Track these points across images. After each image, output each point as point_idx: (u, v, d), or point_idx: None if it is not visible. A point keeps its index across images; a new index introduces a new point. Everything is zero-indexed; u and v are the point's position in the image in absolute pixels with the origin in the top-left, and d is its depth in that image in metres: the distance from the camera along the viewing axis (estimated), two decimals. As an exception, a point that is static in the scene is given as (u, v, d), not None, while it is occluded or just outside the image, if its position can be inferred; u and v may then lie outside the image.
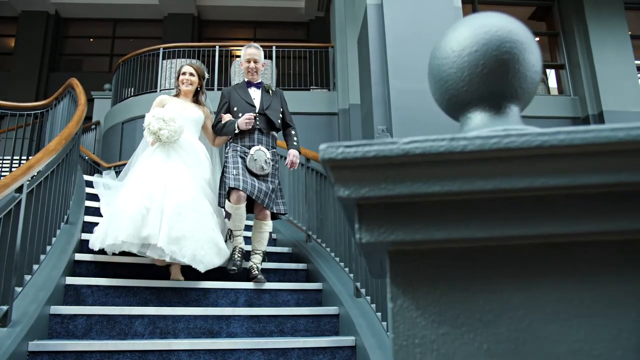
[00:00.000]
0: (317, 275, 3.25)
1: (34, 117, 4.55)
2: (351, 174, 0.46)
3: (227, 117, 3.11)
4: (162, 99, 3.13)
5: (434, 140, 0.45)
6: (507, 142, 0.44)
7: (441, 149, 0.45)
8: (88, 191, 3.77)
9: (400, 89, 3.85)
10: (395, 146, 0.45)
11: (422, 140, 0.45)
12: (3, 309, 1.96)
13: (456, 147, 0.44)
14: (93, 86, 8.84)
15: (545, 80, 7.50)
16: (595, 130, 0.43)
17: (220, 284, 2.88)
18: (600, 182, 0.44)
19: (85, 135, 8.22)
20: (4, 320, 1.97)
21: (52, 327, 2.33)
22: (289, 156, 3.18)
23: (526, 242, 0.48)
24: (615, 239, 0.46)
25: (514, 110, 0.58)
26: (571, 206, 0.46)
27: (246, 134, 3.07)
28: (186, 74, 3.18)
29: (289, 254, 3.72)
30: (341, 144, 0.45)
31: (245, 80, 3.24)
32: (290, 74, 7.50)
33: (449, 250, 0.49)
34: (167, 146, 2.89)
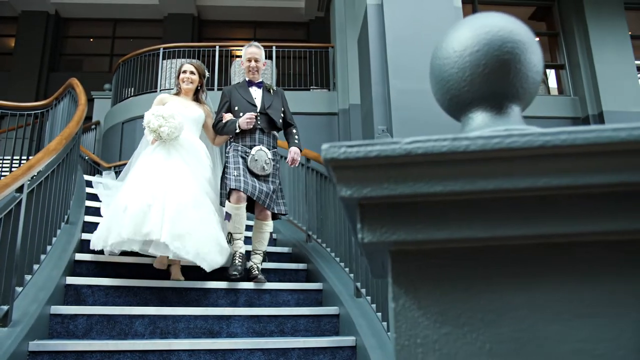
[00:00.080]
0: (317, 275, 3.25)
1: (34, 117, 4.55)
2: (353, 174, 0.46)
3: (228, 116, 3.10)
4: (163, 97, 3.12)
5: (436, 140, 0.45)
6: (509, 142, 0.44)
7: (443, 149, 0.45)
8: (88, 191, 3.78)
9: (401, 89, 3.85)
10: (397, 146, 0.45)
11: (424, 140, 0.45)
12: (3, 308, 1.96)
13: (458, 147, 0.44)
14: (93, 86, 8.84)
15: (546, 80, 7.50)
16: (598, 130, 0.43)
17: (220, 284, 2.88)
18: (602, 182, 0.44)
19: (85, 135, 8.22)
20: (5, 320, 1.97)
21: (52, 327, 2.33)
22: (290, 153, 3.16)
23: (528, 242, 0.48)
24: (617, 239, 0.46)
25: (515, 111, 0.58)
26: (573, 206, 0.46)
27: (247, 133, 3.06)
28: (186, 72, 3.17)
29: (289, 254, 3.72)
30: (343, 144, 0.45)
31: (246, 79, 3.23)
32: (290, 74, 7.50)
33: (450, 250, 0.49)
34: (168, 144, 2.89)
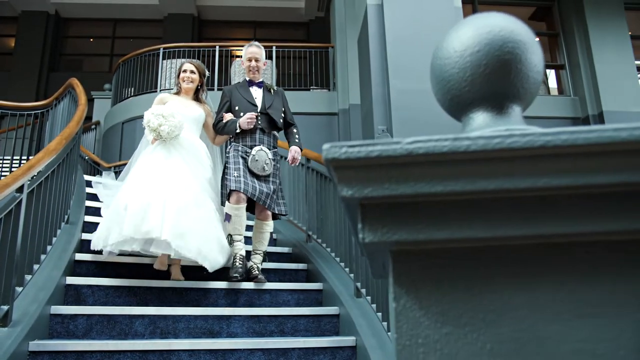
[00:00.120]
0: (317, 275, 3.25)
1: (34, 117, 4.55)
2: (354, 174, 0.46)
3: (228, 116, 3.09)
4: (163, 97, 3.12)
5: (437, 140, 0.45)
6: (510, 142, 0.44)
7: (444, 149, 0.45)
8: (88, 191, 3.78)
9: (401, 89, 3.85)
10: (398, 146, 0.45)
11: (425, 140, 0.45)
12: (4, 308, 1.96)
13: (459, 147, 0.44)
14: (93, 86, 8.84)
15: (545, 80, 7.51)
16: (598, 130, 0.43)
17: (220, 284, 2.88)
18: (603, 182, 0.44)
19: (85, 135, 8.22)
20: (5, 320, 1.97)
21: (52, 327, 2.33)
22: (291, 152, 3.16)
23: (529, 242, 0.48)
24: (618, 239, 0.46)
25: (516, 111, 0.58)
26: (574, 206, 0.46)
27: (247, 133, 3.05)
28: (187, 72, 3.16)
29: (289, 254, 3.72)
30: (344, 144, 0.46)
31: (247, 79, 3.22)
32: (290, 74, 7.50)
33: (451, 250, 0.49)
34: (168, 144, 2.88)
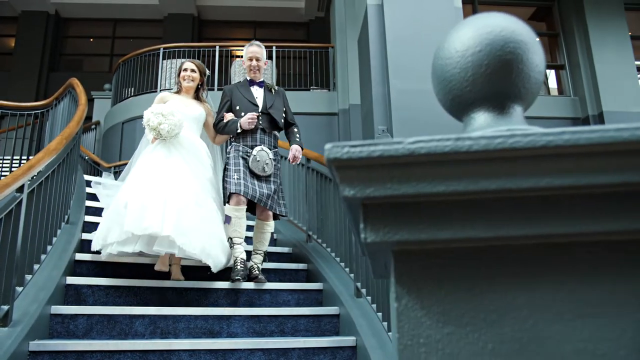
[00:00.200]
0: (317, 275, 3.25)
1: (34, 117, 4.55)
2: (356, 174, 0.46)
3: (229, 116, 3.08)
4: (164, 96, 3.11)
5: (439, 140, 0.45)
6: (512, 142, 0.44)
7: (446, 149, 0.45)
8: (88, 191, 3.78)
9: (401, 89, 3.85)
10: (400, 146, 0.45)
11: (427, 140, 0.45)
12: (4, 308, 1.96)
13: (461, 147, 0.44)
14: (93, 86, 8.84)
15: (545, 80, 7.51)
16: (600, 130, 0.43)
17: (220, 283, 2.88)
18: (604, 182, 0.44)
19: (85, 135, 8.22)
20: (5, 320, 1.97)
21: (52, 327, 2.33)
22: (292, 150, 3.15)
23: (531, 242, 0.48)
24: (619, 239, 0.46)
25: (517, 111, 0.58)
26: (576, 206, 0.46)
27: (248, 133, 3.04)
28: (187, 70, 3.16)
29: (290, 254, 3.72)
30: (346, 144, 0.46)
31: (248, 78, 3.22)
32: (290, 74, 7.50)
33: (453, 250, 0.49)
34: (168, 143, 2.87)
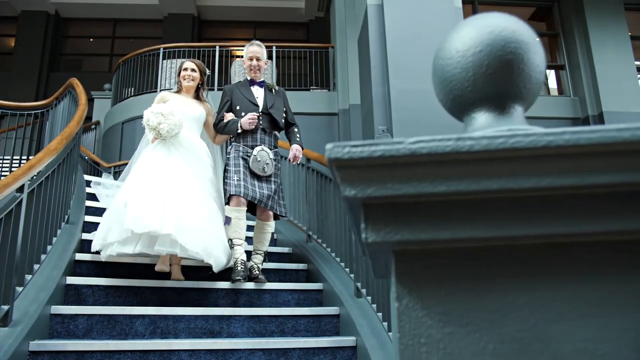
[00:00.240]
0: (317, 275, 3.25)
1: (34, 117, 4.55)
2: (357, 174, 0.46)
3: (229, 116, 3.07)
4: (164, 95, 3.11)
5: (440, 140, 0.45)
6: (514, 142, 0.44)
7: (447, 149, 0.45)
8: (88, 191, 3.78)
9: (401, 89, 3.85)
10: (401, 146, 0.45)
11: (428, 140, 0.45)
12: (4, 308, 1.96)
13: (462, 147, 0.44)
14: (93, 86, 8.84)
15: (545, 80, 7.51)
16: (601, 130, 0.43)
17: (220, 284, 2.88)
18: (606, 182, 0.44)
19: (85, 135, 8.22)
20: (5, 320, 1.97)
21: (52, 327, 2.33)
22: (292, 150, 3.15)
23: (532, 242, 0.48)
24: (621, 239, 0.46)
25: (518, 111, 0.58)
26: (577, 206, 0.46)
27: (249, 133, 3.04)
28: (187, 70, 3.15)
29: (290, 254, 3.72)
30: (347, 144, 0.46)
31: (248, 78, 3.21)
32: (290, 74, 7.51)
33: (454, 250, 0.49)
34: (168, 143, 2.87)
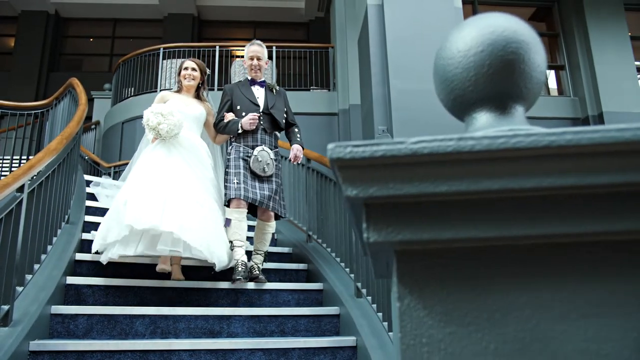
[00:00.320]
0: (317, 275, 3.24)
1: (34, 117, 4.54)
2: (359, 174, 0.46)
3: (229, 116, 3.06)
4: (164, 95, 3.11)
5: (441, 140, 0.45)
6: (515, 142, 0.44)
7: (449, 149, 0.45)
8: (88, 191, 3.77)
9: (401, 89, 3.85)
10: (403, 146, 0.45)
11: (429, 140, 0.45)
12: (4, 308, 1.96)
13: (464, 147, 0.44)
14: (93, 86, 8.83)
15: (545, 81, 7.51)
16: (603, 130, 0.43)
17: (221, 284, 2.88)
18: (607, 182, 0.44)
19: (85, 135, 8.22)
20: (5, 320, 1.97)
21: (53, 327, 2.32)
22: (293, 150, 3.15)
23: (533, 242, 0.48)
24: (622, 239, 0.46)
25: (519, 111, 0.58)
26: (578, 206, 0.46)
27: (249, 133, 3.03)
28: (188, 69, 3.14)
29: (290, 254, 3.72)
30: (349, 144, 0.46)
31: (249, 78, 3.20)
32: (290, 74, 7.50)
33: (456, 250, 0.49)
34: (168, 143, 2.87)
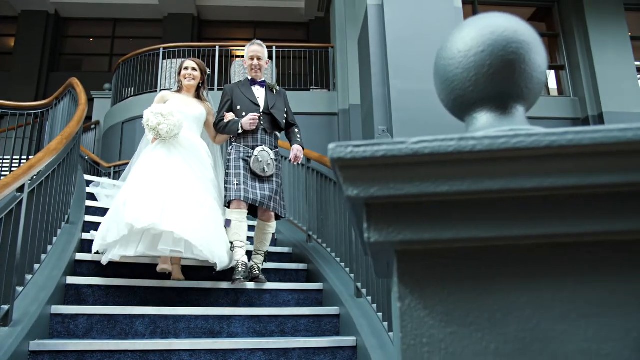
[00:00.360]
0: (317, 275, 3.24)
1: (34, 117, 4.54)
2: (360, 174, 0.46)
3: (230, 116, 3.06)
4: (164, 94, 3.10)
5: (442, 140, 0.45)
6: (516, 142, 0.44)
7: (450, 149, 0.45)
8: (89, 191, 3.78)
9: (401, 89, 3.85)
10: (404, 146, 0.45)
11: (430, 140, 0.45)
12: (4, 308, 1.96)
13: (465, 147, 0.44)
14: (93, 86, 8.83)
15: (545, 81, 7.51)
16: (604, 130, 0.43)
17: (221, 284, 2.88)
18: (608, 182, 0.44)
19: (85, 135, 8.22)
20: (6, 320, 1.97)
21: (53, 327, 2.32)
22: (293, 150, 3.15)
23: (534, 242, 0.48)
24: (623, 239, 0.46)
25: (519, 111, 0.58)
26: (579, 206, 0.46)
27: (249, 133, 3.02)
28: (188, 69, 3.14)
29: (290, 254, 3.72)
30: (350, 144, 0.46)
31: (249, 78, 3.20)
32: (290, 74, 7.50)
33: (457, 250, 0.49)
34: (168, 143, 2.86)
